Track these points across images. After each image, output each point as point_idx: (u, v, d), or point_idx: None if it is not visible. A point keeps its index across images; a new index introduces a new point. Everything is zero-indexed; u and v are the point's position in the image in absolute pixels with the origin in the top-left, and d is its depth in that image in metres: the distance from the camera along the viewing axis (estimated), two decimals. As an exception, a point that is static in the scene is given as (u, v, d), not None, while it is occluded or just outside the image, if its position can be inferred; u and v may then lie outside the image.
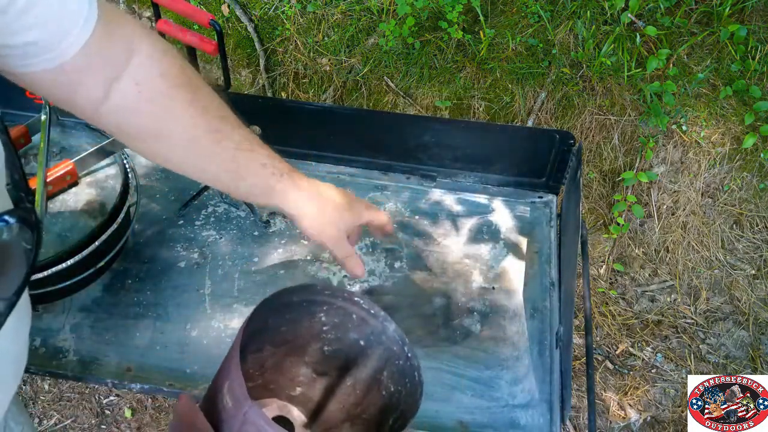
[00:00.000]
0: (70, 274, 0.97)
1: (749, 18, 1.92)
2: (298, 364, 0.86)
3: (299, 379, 0.87)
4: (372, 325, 0.81)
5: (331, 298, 0.81)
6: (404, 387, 0.78)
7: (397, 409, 0.77)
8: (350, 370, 0.84)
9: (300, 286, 0.78)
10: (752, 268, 2.01)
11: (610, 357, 1.96)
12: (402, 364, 0.78)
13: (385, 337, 0.80)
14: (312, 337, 0.84)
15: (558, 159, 1.22)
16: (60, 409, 1.86)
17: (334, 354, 0.84)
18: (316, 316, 0.82)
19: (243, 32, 2.13)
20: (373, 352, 0.81)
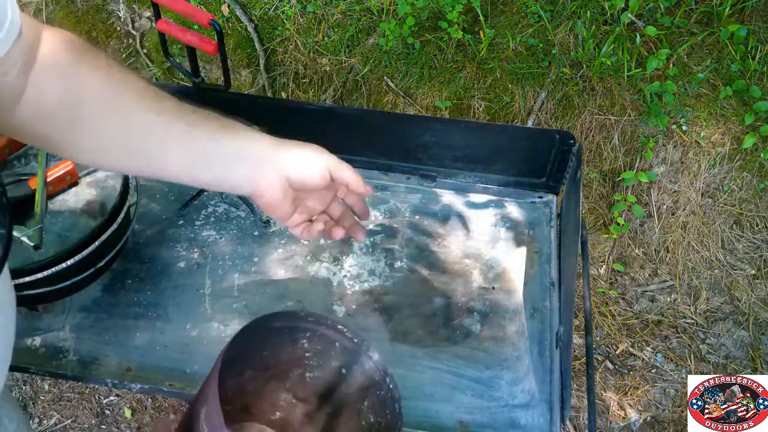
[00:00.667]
0: (70, 274, 0.97)
1: (749, 18, 1.92)
2: (279, 389, 0.86)
3: (279, 404, 0.87)
4: (355, 353, 0.80)
5: (315, 325, 0.80)
6: (384, 418, 0.77)
7: None
8: (331, 397, 0.84)
9: (283, 312, 0.78)
10: (752, 268, 2.01)
11: (610, 357, 1.96)
12: (383, 394, 0.77)
13: (367, 367, 0.79)
14: (294, 363, 0.83)
15: (558, 159, 1.22)
16: (60, 409, 1.86)
17: (316, 380, 0.84)
18: (298, 343, 0.81)
19: (243, 32, 2.13)
20: (355, 380, 0.81)
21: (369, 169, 1.30)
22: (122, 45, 2.30)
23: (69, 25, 2.29)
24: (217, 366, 0.66)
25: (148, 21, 2.24)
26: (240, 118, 0.79)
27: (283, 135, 1.28)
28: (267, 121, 1.26)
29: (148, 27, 2.26)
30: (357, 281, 1.14)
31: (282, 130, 1.28)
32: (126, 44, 2.29)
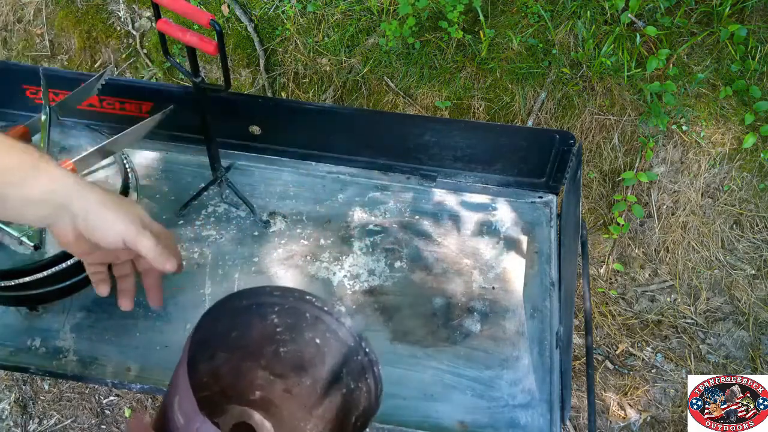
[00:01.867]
0: (70, 274, 0.97)
1: (749, 18, 1.92)
2: (254, 367, 0.85)
3: (257, 383, 0.86)
4: (326, 322, 0.79)
5: (282, 299, 0.79)
6: (364, 383, 0.76)
7: (358, 407, 0.76)
8: (308, 369, 0.83)
9: (247, 289, 0.76)
10: (752, 268, 2.01)
11: (610, 357, 1.96)
12: (360, 359, 0.77)
13: (341, 334, 0.79)
14: (265, 340, 0.82)
15: (558, 159, 1.22)
16: (60, 409, 1.86)
17: (291, 355, 0.83)
18: (267, 318, 0.80)
19: (243, 32, 2.13)
20: (330, 349, 0.80)
21: (369, 169, 1.30)
22: (122, 45, 2.30)
23: (69, 25, 2.29)
24: (185, 353, 0.65)
25: (148, 21, 2.24)
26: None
27: (283, 135, 1.28)
28: (267, 121, 1.27)
29: (148, 27, 2.26)
30: (357, 281, 1.14)
31: (282, 130, 1.28)
32: (126, 44, 2.29)
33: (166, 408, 0.67)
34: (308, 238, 1.20)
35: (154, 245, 0.74)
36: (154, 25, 1.06)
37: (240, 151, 1.30)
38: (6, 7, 2.34)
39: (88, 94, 1.13)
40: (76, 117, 1.18)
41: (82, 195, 0.69)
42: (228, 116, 1.23)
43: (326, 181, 1.29)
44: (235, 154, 1.31)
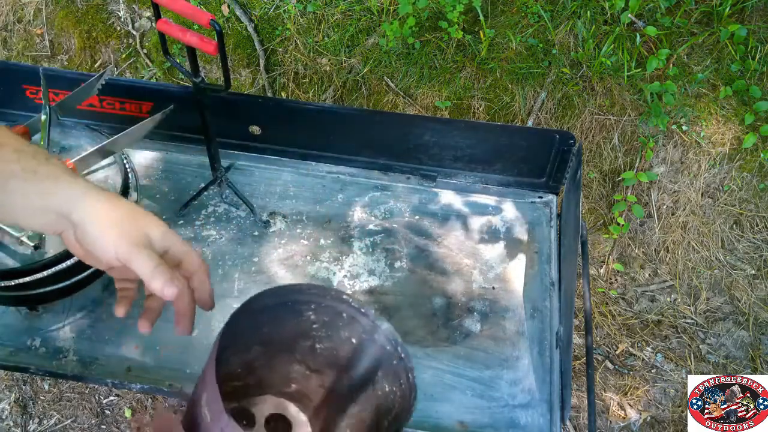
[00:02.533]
0: (70, 274, 0.97)
1: (749, 18, 1.92)
2: (290, 361, 0.85)
3: (292, 376, 0.86)
4: (363, 323, 0.79)
5: (318, 297, 0.78)
6: (398, 388, 0.76)
7: (391, 411, 0.76)
8: (344, 367, 0.83)
9: (282, 287, 0.76)
10: (752, 268, 2.01)
11: (610, 357, 1.96)
12: (396, 364, 0.77)
13: (377, 336, 0.78)
14: (301, 335, 0.82)
15: (558, 159, 1.22)
16: (60, 409, 1.86)
17: (327, 351, 0.83)
18: (303, 315, 0.80)
19: (243, 32, 2.13)
20: (366, 350, 0.80)
21: (369, 169, 1.30)
22: (122, 45, 2.30)
23: (69, 25, 2.29)
24: (214, 350, 0.64)
25: (148, 21, 2.24)
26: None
27: (283, 135, 1.28)
28: (267, 121, 1.27)
29: (148, 27, 2.26)
30: (357, 281, 1.15)
31: (282, 130, 1.28)
32: (126, 44, 2.29)
33: (194, 403, 0.67)
34: (308, 238, 1.20)
35: (152, 267, 0.66)
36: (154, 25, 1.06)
37: (240, 151, 1.31)
38: (6, 7, 2.34)
39: (88, 94, 1.13)
40: (76, 117, 1.18)
41: (82, 205, 0.64)
42: (228, 116, 1.23)
43: (326, 181, 1.29)
44: (235, 154, 1.31)
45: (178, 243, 0.70)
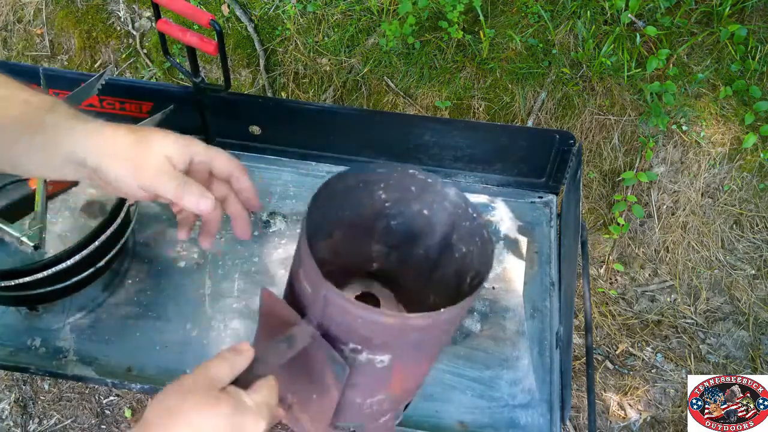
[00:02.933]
0: (70, 274, 0.97)
1: (749, 18, 1.92)
2: (370, 242, 0.87)
3: (374, 256, 0.88)
4: (432, 193, 0.80)
5: (387, 174, 0.80)
6: (475, 246, 0.77)
7: (471, 269, 0.77)
8: (420, 239, 0.84)
9: (351, 169, 0.77)
10: (752, 268, 2.01)
11: (610, 357, 1.96)
12: (469, 225, 0.78)
13: (447, 203, 0.79)
14: (376, 215, 0.83)
15: (558, 159, 1.22)
16: (60, 409, 1.86)
17: (402, 227, 0.85)
18: (375, 195, 0.81)
19: (243, 32, 2.13)
20: (439, 219, 0.81)
21: (369, 169, 1.30)
22: (122, 45, 2.30)
23: (69, 25, 2.29)
24: (303, 229, 0.68)
25: (148, 21, 2.24)
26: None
27: (283, 135, 1.28)
28: (267, 121, 1.27)
29: (148, 27, 2.26)
30: (357, 281, 1.15)
31: (282, 130, 1.28)
32: (126, 44, 2.29)
33: (293, 280, 0.72)
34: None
35: (177, 189, 0.62)
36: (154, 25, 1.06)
37: (240, 151, 1.31)
38: (6, 7, 2.34)
39: (88, 94, 1.13)
40: (76, 117, 1.18)
41: (92, 148, 0.61)
42: (228, 116, 1.23)
43: (326, 181, 1.29)
44: (235, 154, 1.31)
45: (202, 151, 0.65)
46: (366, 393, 0.77)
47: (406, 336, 0.69)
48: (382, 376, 0.74)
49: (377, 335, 0.67)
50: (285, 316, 0.70)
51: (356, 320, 0.65)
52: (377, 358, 0.70)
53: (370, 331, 0.66)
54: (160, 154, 0.62)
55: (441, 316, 0.65)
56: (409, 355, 0.73)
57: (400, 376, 0.76)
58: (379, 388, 0.77)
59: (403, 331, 0.68)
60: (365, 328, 0.66)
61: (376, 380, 0.75)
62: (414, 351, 0.73)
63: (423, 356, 0.77)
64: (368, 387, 0.76)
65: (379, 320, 0.65)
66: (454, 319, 0.73)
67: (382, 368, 0.72)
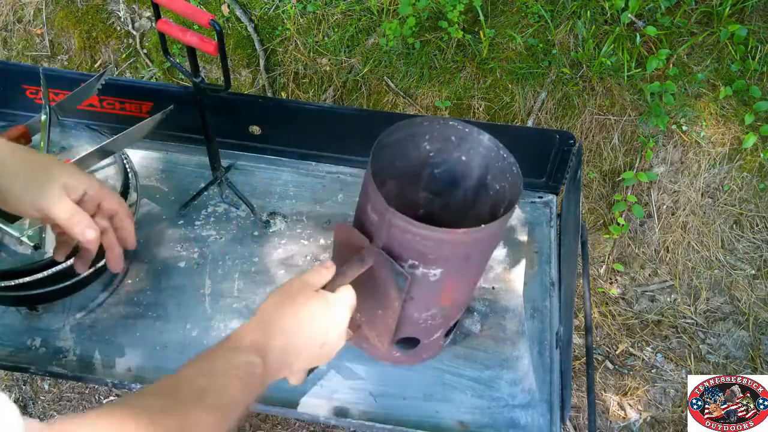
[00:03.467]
0: (70, 274, 0.97)
1: (749, 18, 1.92)
2: (416, 189, 0.99)
3: (420, 203, 1.01)
4: (469, 141, 0.91)
5: (430, 126, 0.92)
6: (506, 182, 0.89)
7: (504, 201, 0.89)
8: (460, 184, 0.96)
9: (401, 123, 0.89)
10: (752, 268, 2.01)
11: (610, 357, 1.96)
12: (501, 164, 0.90)
13: (482, 148, 0.91)
14: (422, 164, 0.95)
15: (558, 159, 1.22)
16: (60, 409, 1.86)
17: (444, 174, 0.96)
18: (420, 146, 0.93)
19: (243, 32, 2.13)
20: (475, 163, 0.93)
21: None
22: (122, 45, 2.30)
23: (69, 25, 2.29)
24: (368, 174, 0.83)
25: (148, 21, 2.24)
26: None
27: (283, 135, 1.28)
28: (267, 121, 1.27)
29: (148, 27, 2.26)
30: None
31: (282, 130, 1.28)
32: (126, 44, 2.29)
33: (360, 215, 0.86)
34: (308, 238, 1.20)
35: (68, 215, 0.69)
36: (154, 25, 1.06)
37: (240, 151, 1.31)
38: (6, 7, 2.34)
39: (88, 94, 1.13)
40: (76, 117, 1.18)
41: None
42: (228, 116, 1.23)
43: (326, 181, 1.29)
44: (235, 154, 1.31)
45: (95, 187, 0.73)
46: (421, 307, 0.90)
47: (455, 250, 0.82)
48: (435, 288, 0.86)
49: (431, 250, 0.80)
50: (356, 242, 0.85)
51: (414, 238, 0.79)
52: (431, 272, 0.83)
53: (425, 246, 0.80)
54: (58, 182, 0.69)
55: (483, 231, 0.79)
56: (457, 268, 0.85)
57: (449, 289, 0.88)
58: (432, 301, 0.89)
59: (453, 245, 0.81)
60: (421, 244, 0.80)
61: (430, 293, 0.87)
62: (461, 265, 0.85)
63: (468, 271, 0.89)
64: (423, 301, 0.89)
65: (434, 236, 0.79)
66: (494, 237, 0.86)
67: (435, 281, 0.85)
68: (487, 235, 0.83)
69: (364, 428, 0.99)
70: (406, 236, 0.80)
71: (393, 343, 0.97)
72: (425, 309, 0.91)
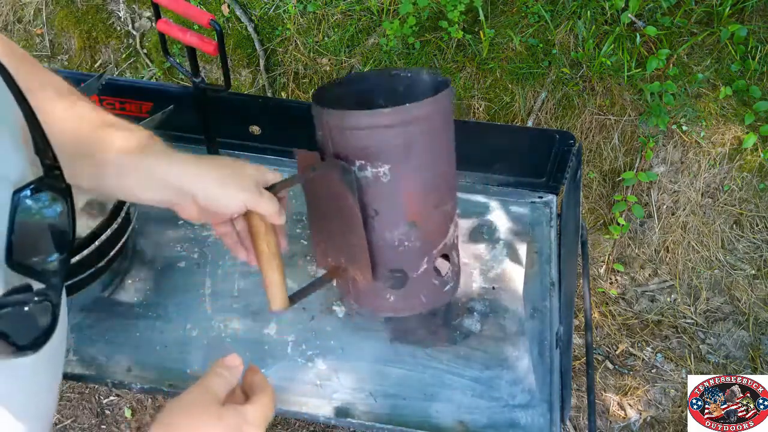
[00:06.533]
0: (70, 274, 0.97)
1: (749, 18, 1.92)
2: None
3: None
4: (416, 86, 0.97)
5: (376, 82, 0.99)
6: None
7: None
8: None
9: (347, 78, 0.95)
10: (752, 268, 2.01)
11: (610, 357, 1.96)
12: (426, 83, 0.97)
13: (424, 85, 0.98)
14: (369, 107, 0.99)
15: (558, 159, 1.22)
16: (60, 409, 1.86)
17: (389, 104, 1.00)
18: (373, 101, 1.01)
19: (243, 32, 2.13)
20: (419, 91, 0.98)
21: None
22: (122, 45, 2.30)
23: (69, 25, 2.29)
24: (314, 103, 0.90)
25: (148, 21, 2.24)
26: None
27: (283, 135, 1.28)
28: (267, 121, 1.27)
29: (148, 27, 2.26)
30: (357, 281, 1.15)
31: (282, 130, 1.28)
32: (126, 44, 2.29)
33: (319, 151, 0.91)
34: (308, 238, 1.20)
35: (276, 206, 0.77)
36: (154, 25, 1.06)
37: (240, 151, 1.30)
38: (6, 7, 2.34)
39: (88, 94, 1.13)
40: (76, 117, 1.18)
41: (198, 175, 0.72)
42: (228, 116, 1.23)
43: (326, 181, 1.29)
44: (235, 154, 1.31)
45: (272, 176, 0.80)
46: (389, 223, 0.90)
47: (393, 138, 0.84)
48: (392, 195, 0.88)
49: (368, 141, 0.84)
50: (310, 160, 0.88)
51: (352, 133, 0.83)
52: (380, 170, 0.85)
53: (362, 138, 0.84)
54: (252, 179, 0.76)
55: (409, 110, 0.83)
56: (405, 165, 0.86)
57: (409, 196, 0.89)
58: (397, 215, 0.90)
59: (388, 131, 0.84)
60: (357, 137, 0.84)
61: (390, 203, 0.88)
62: (406, 158, 0.86)
63: (418, 170, 0.89)
64: (388, 215, 0.89)
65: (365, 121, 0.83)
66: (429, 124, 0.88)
67: (389, 184, 0.86)
68: (419, 119, 0.84)
69: (364, 428, 0.99)
70: (344, 134, 0.84)
71: (377, 277, 0.94)
72: (394, 226, 0.90)
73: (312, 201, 0.96)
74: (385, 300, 0.98)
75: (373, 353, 1.06)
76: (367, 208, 0.89)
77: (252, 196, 0.75)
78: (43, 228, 0.41)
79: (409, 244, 0.92)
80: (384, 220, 0.89)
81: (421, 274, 0.96)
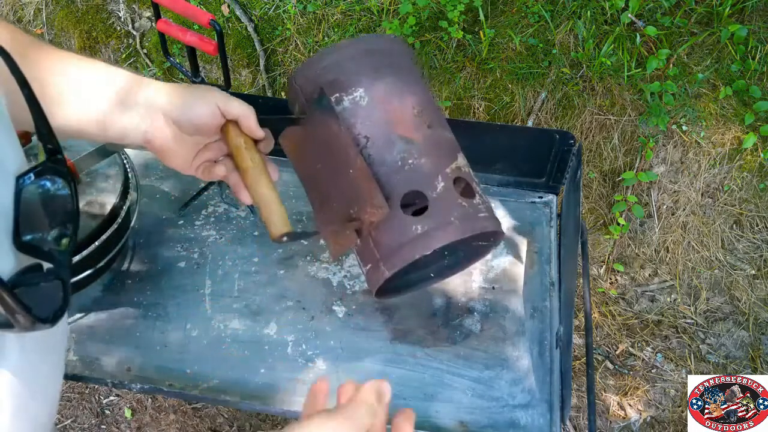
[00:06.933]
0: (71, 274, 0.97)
1: (749, 18, 1.92)
2: None
3: None
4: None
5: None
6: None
7: None
8: None
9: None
10: (752, 268, 2.01)
11: (610, 357, 1.96)
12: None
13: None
14: None
15: (558, 159, 1.22)
16: (60, 409, 1.86)
17: None
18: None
19: (243, 32, 2.13)
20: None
21: (369, 169, 1.30)
22: (122, 45, 2.30)
23: (69, 25, 2.29)
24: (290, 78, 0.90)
25: (148, 21, 2.24)
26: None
27: (283, 135, 1.28)
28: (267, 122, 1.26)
29: (148, 27, 2.26)
30: (357, 281, 1.14)
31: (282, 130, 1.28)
32: (126, 44, 2.29)
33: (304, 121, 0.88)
34: (308, 238, 1.20)
35: (248, 108, 0.76)
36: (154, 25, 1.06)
37: (240, 151, 1.30)
38: (6, 7, 2.34)
39: (88, 94, 1.12)
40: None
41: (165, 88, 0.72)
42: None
43: (326, 181, 1.29)
44: (235, 154, 1.30)
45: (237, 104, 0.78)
46: (383, 145, 0.85)
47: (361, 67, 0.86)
48: (375, 112, 0.85)
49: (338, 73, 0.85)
50: (292, 135, 0.89)
51: (319, 68, 0.85)
52: (356, 95, 0.85)
53: (331, 72, 0.85)
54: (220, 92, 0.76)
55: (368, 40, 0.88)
56: (379, 84, 0.86)
57: (392, 107, 0.86)
58: (386, 133, 0.85)
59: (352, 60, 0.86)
60: (327, 73, 0.85)
61: (376, 124, 0.85)
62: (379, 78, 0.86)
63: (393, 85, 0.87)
64: (378, 137, 0.85)
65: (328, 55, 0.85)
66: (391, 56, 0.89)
67: (369, 104, 0.85)
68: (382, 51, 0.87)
69: (364, 428, 0.99)
70: (315, 71, 0.85)
71: (393, 205, 0.83)
72: (390, 145, 0.84)
73: (302, 164, 0.91)
74: (414, 234, 0.84)
75: (373, 353, 1.06)
76: (358, 139, 0.85)
77: (222, 97, 0.75)
78: (48, 211, 0.43)
79: (414, 162, 0.84)
80: (378, 144, 0.84)
81: (441, 193, 0.85)
